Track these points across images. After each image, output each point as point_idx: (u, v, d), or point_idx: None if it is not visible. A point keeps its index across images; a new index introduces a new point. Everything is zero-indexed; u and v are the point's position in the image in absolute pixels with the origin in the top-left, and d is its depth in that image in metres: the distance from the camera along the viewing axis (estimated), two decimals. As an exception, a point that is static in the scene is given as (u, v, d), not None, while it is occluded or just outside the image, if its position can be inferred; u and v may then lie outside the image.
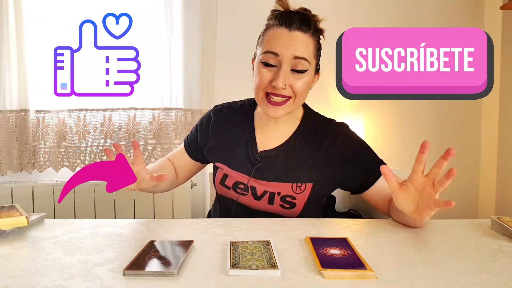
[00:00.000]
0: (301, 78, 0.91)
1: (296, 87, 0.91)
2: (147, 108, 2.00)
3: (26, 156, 1.89)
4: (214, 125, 1.07)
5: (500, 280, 0.60)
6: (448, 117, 2.34)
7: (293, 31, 0.90)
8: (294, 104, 0.94)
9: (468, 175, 2.37)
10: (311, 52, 0.92)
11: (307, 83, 0.93)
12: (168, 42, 1.98)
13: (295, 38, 0.89)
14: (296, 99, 0.93)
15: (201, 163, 1.15)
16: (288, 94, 0.91)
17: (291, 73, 0.90)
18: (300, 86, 0.91)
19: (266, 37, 0.93)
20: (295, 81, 0.90)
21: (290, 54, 0.89)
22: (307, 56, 0.90)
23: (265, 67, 0.91)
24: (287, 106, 0.93)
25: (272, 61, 0.90)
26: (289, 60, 0.89)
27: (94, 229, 0.83)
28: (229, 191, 1.04)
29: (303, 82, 0.91)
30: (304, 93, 0.94)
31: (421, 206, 0.77)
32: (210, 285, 0.58)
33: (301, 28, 0.90)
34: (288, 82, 0.90)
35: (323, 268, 0.61)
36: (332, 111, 2.22)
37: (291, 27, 0.90)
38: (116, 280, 0.59)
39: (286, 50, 0.89)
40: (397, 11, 2.24)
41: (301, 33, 0.90)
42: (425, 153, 0.77)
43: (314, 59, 0.94)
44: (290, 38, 0.89)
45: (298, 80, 0.91)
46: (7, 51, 1.80)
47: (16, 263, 0.66)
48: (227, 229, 0.84)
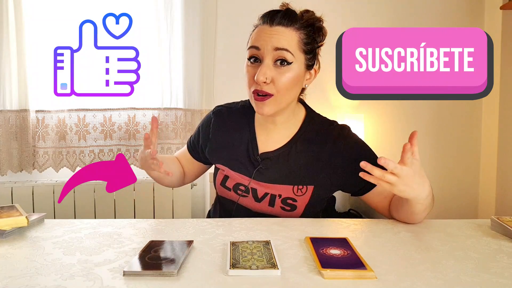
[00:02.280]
0: (284, 72, 0.89)
1: (279, 82, 0.88)
2: (147, 108, 2.00)
3: (26, 156, 1.89)
4: (215, 126, 1.06)
5: (500, 280, 0.60)
6: (448, 117, 2.34)
7: (274, 26, 0.90)
8: (279, 101, 0.91)
9: (468, 175, 2.37)
10: (294, 44, 0.89)
11: (292, 78, 0.90)
12: (168, 42, 1.98)
13: (275, 31, 0.89)
14: (279, 95, 0.90)
15: (205, 164, 1.15)
16: (270, 90, 0.89)
17: (274, 67, 0.89)
18: (283, 81, 0.88)
19: (251, 37, 0.93)
20: (277, 76, 0.88)
21: (270, 46, 0.88)
22: (288, 47, 0.88)
23: (250, 64, 0.91)
24: (271, 102, 0.90)
25: (255, 55, 0.90)
26: (270, 52, 0.88)
27: (94, 229, 0.83)
28: (230, 193, 1.03)
29: (287, 77, 0.89)
30: (290, 89, 0.91)
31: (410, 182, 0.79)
32: (210, 285, 0.58)
33: (282, 23, 0.89)
34: (269, 75, 0.88)
35: (323, 268, 0.61)
36: (332, 111, 2.22)
37: (273, 23, 0.90)
38: (116, 280, 0.59)
39: (266, 43, 0.88)
40: (397, 11, 2.24)
41: (282, 27, 0.89)
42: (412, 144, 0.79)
43: (300, 52, 0.90)
44: (270, 32, 0.89)
45: (281, 74, 0.88)
46: (7, 51, 1.80)
47: (16, 263, 0.66)
48: (227, 229, 0.84)
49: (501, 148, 2.24)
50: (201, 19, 2.02)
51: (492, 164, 2.29)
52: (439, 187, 2.31)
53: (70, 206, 1.91)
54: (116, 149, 1.97)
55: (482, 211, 2.36)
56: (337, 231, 0.85)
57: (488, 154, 2.33)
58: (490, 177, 2.31)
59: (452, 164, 2.35)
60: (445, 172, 2.33)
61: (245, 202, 1.02)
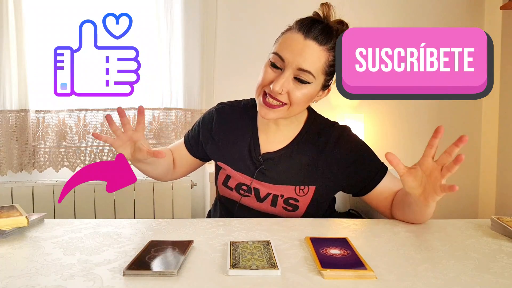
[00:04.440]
0: (301, 88, 0.88)
1: (294, 96, 0.88)
2: (147, 108, 2.00)
3: (26, 156, 1.89)
4: (217, 124, 1.06)
5: (500, 280, 0.60)
6: (448, 117, 2.34)
7: (308, 39, 0.86)
8: (288, 111, 0.91)
9: (468, 175, 2.37)
10: (319, 66, 0.87)
11: (307, 95, 0.90)
12: (168, 42, 1.98)
13: (307, 47, 0.85)
14: (291, 108, 0.90)
15: (200, 161, 1.13)
16: (284, 100, 0.88)
17: (293, 80, 0.87)
18: (298, 96, 0.88)
19: (281, 38, 0.90)
20: (294, 90, 0.87)
21: (295, 64, 0.85)
22: (312, 70, 0.86)
23: (271, 67, 0.89)
24: (280, 111, 0.90)
25: (278, 64, 0.88)
26: (293, 69, 0.86)
27: (94, 229, 0.83)
28: (232, 192, 1.03)
29: (302, 93, 0.88)
30: (301, 104, 0.91)
31: (427, 190, 0.80)
32: (210, 285, 0.58)
33: (317, 39, 0.86)
34: (286, 88, 0.87)
35: (323, 268, 0.61)
36: (332, 111, 2.22)
37: (308, 35, 0.86)
38: (116, 280, 0.59)
39: (293, 59, 0.85)
40: (397, 11, 2.25)
41: (315, 44, 0.86)
42: (437, 138, 0.80)
43: (322, 74, 0.89)
44: (302, 47, 0.85)
45: (297, 90, 0.88)
46: (7, 51, 1.80)
47: (16, 263, 0.66)
48: (227, 229, 0.84)
49: (501, 148, 2.24)
50: (201, 19, 2.02)
51: (492, 164, 2.29)
52: (439, 187, 2.31)
53: (70, 206, 1.91)
54: (116, 149, 1.97)
55: (482, 211, 2.36)
56: (337, 231, 0.85)
57: (488, 154, 2.33)
58: (490, 177, 2.31)
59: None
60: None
61: (247, 202, 1.02)
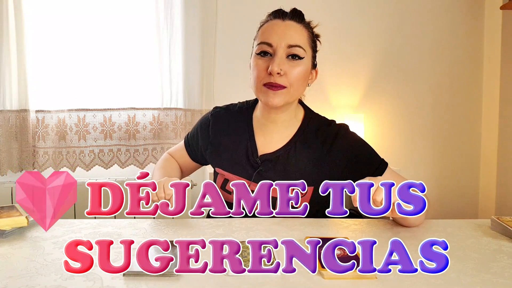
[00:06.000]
0: (297, 65, 0.92)
1: (292, 75, 0.91)
2: (147, 108, 2.00)
3: (26, 156, 1.88)
4: (213, 130, 1.06)
5: (500, 280, 0.60)
6: (448, 117, 2.34)
7: (286, 20, 0.93)
8: (290, 94, 0.93)
9: (468, 175, 2.37)
10: (305, 40, 0.93)
11: (303, 73, 0.93)
12: (168, 42, 1.98)
13: (289, 26, 0.92)
14: (291, 89, 0.92)
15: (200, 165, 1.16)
16: (283, 83, 0.91)
17: (286, 60, 0.91)
18: (295, 74, 0.91)
19: (261, 30, 0.95)
20: (290, 69, 0.91)
21: (284, 43, 0.90)
22: (301, 43, 0.92)
23: (260, 58, 0.92)
24: (283, 94, 0.92)
25: (268, 50, 0.92)
26: (283, 48, 0.90)
27: (94, 229, 0.83)
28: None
29: (298, 72, 0.92)
30: (300, 83, 0.94)
31: None
32: (210, 285, 0.58)
33: (294, 19, 0.93)
34: (283, 68, 0.90)
35: (323, 268, 0.61)
36: (332, 111, 2.22)
37: (285, 17, 0.93)
38: (116, 280, 0.59)
39: (280, 40, 0.90)
40: (397, 12, 2.24)
41: (294, 22, 0.93)
42: None
43: (309, 48, 0.95)
44: (284, 27, 0.92)
45: (293, 67, 0.91)
46: (7, 51, 1.80)
47: (16, 263, 0.66)
48: (227, 229, 0.84)
49: (501, 148, 2.24)
50: (201, 19, 2.01)
51: (492, 164, 2.29)
52: (439, 187, 2.31)
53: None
54: (116, 149, 1.97)
55: (482, 211, 2.36)
56: (337, 231, 0.85)
57: (488, 154, 2.33)
58: (490, 177, 2.31)
59: (452, 164, 2.35)
60: (445, 172, 2.33)
61: None
